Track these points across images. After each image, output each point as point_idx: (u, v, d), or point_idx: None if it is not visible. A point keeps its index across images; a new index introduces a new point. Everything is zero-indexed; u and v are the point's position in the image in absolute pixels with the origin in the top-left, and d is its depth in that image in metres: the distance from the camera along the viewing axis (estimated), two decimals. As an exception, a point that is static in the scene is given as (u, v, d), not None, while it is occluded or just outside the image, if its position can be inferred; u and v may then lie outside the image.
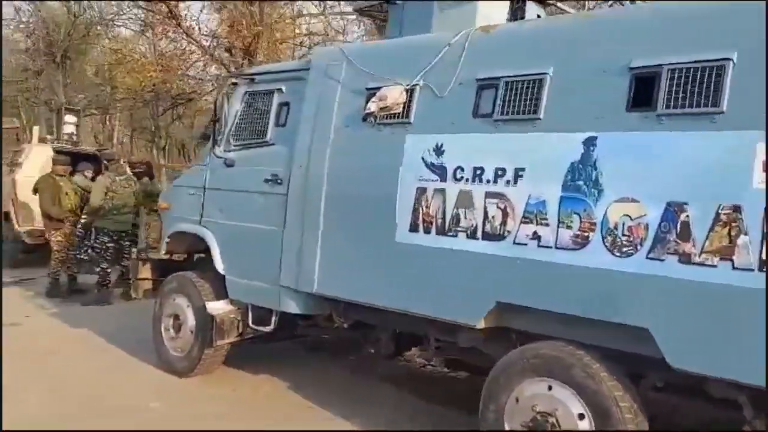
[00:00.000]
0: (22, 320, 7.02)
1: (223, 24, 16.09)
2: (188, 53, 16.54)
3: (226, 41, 16.17)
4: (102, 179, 7.91)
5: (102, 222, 7.71)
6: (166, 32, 17.19)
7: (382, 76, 4.01)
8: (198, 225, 5.17)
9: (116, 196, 7.65)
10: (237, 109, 5.08)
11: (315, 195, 4.32)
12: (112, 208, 7.62)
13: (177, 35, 16.66)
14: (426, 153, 3.75)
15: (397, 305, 3.89)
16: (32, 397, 4.73)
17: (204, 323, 5.02)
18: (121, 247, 7.89)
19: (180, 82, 17.05)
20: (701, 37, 2.94)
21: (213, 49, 16.19)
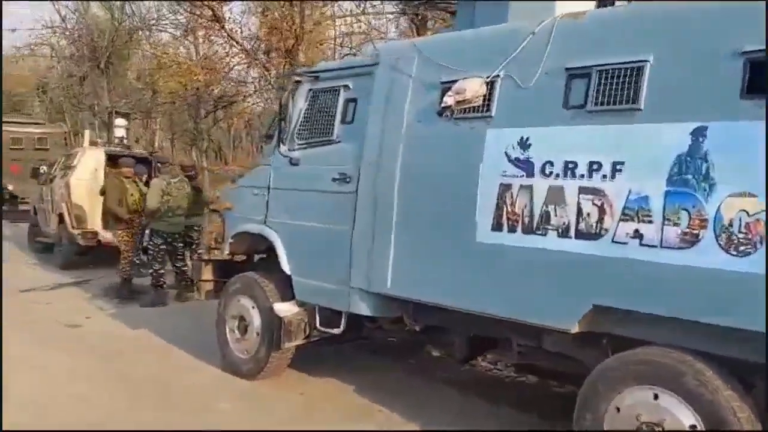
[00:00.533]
0: (83, 321, 7.07)
1: (263, 26, 16.12)
2: (231, 56, 16.59)
3: (267, 43, 16.20)
4: (157, 182, 7.94)
5: (157, 224, 7.74)
6: (209, 36, 17.35)
7: (459, 68, 3.85)
8: (263, 225, 5.09)
9: (171, 199, 7.66)
10: (301, 108, 4.98)
11: (387, 193, 4.18)
12: (167, 211, 7.63)
13: (220, 38, 16.80)
14: (510, 147, 3.57)
15: (479, 308, 3.73)
16: (106, 398, 4.72)
17: (270, 325, 4.93)
18: (174, 248, 7.90)
19: (222, 84, 17.12)
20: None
21: (255, 52, 16.22)
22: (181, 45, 23.33)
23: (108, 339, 6.35)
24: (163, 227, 7.71)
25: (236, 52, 17.30)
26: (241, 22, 16.84)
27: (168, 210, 7.64)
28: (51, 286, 9.04)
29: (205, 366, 5.49)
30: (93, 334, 6.58)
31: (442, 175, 3.92)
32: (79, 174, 10.53)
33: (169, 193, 7.67)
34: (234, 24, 16.33)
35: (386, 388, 5.10)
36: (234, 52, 17.30)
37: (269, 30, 15.63)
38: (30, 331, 6.51)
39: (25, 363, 5.44)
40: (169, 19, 21.82)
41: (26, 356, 5.62)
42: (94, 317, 7.29)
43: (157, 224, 7.74)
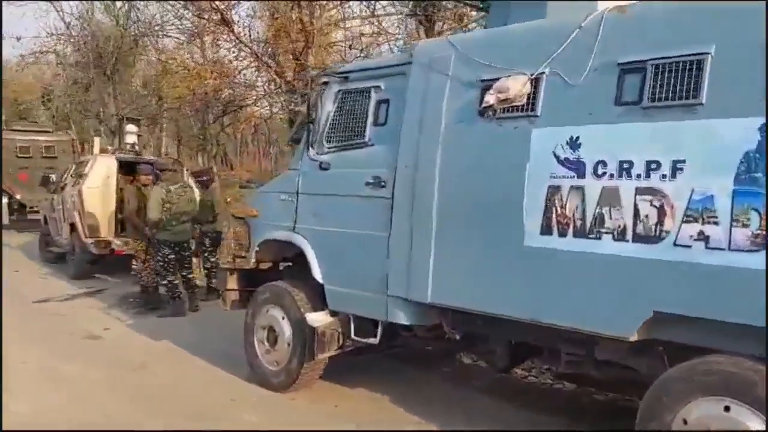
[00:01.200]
0: (102, 333, 6.94)
1: (271, 28, 15.99)
2: (240, 59, 16.46)
3: (275, 46, 16.08)
4: (157, 190, 7.75)
5: (162, 234, 7.58)
6: (217, 40, 17.24)
7: (500, 66, 3.70)
8: (291, 232, 4.94)
9: (172, 207, 7.50)
10: (330, 110, 4.83)
11: (425, 197, 4.03)
12: (170, 219, 7.48)
13: (227, 42, 16.68)
14: (558, 147, 3.42)
15: (528, 316, 3.57)
16: (132, 410, 4.59)
17: (302, 335, 4.79)
18: (182, 257, 7.76)
19: (231, 88, 17.01)
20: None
21: (263, 55, 16.09)
22: (188, 50, 23.32)
23: (129, 350, 6.21)
24: (168, 237, 7.56)
25: (245, 56, 17.23)
26: (249, 25, 16.65)
27: (171, 219, 7.48)
28: (65, 297, 8.92)
29: (231, 377, 5.34)
30: (113, 345, 6.46)
31: (484, 178, 3.77)
32: (91, 182, 10.40)
33: (169, 201, 7.51)
34: (242, 27, 16.24)
35: (421, 397, 4.95)
36: (242, 56, 17.23)
37: (277, 32, 15.51)
38: (49, 344, 6.39)
39: (48, 377, 5.33)
40: (175, 24, 21.83)
41: (49, 370, 5.50)
42: (112, 328, 7.16)
43: (162, 234, 7.58)
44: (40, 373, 5.47)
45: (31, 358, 5.89)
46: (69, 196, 10.91)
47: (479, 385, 5.36)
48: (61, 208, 11.46)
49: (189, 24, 20.84)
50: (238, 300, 5.58)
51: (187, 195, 7.85)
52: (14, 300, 8.48)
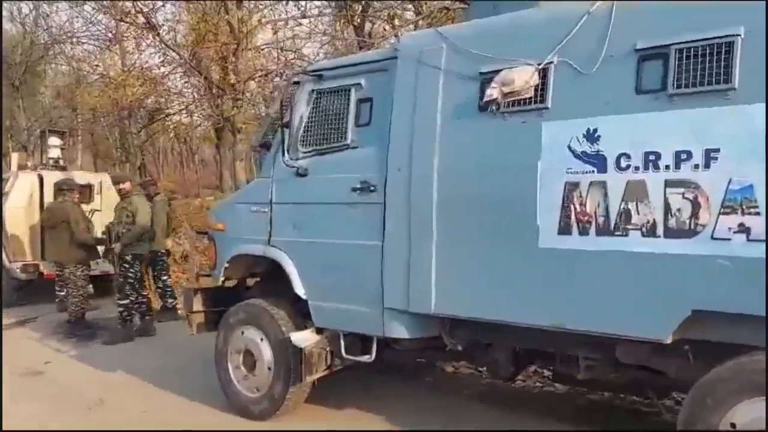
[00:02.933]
0: (43, 367, 6.23)
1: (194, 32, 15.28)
2: (166, 65, 15.66)
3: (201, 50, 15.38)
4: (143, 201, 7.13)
5: (140, 247, 6.96)
6: (139, 45, 16.32)
7: (501, 57, 3.46)
8: (266, 245, 4.52)
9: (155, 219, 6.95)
10: (303, 112, 4.46)
11: (423, 201, 3.74)
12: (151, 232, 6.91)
13: (152, 47, 15.83)
14: (574, 141, 3.21)
15: (548, 322, 3.34)
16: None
17: (285, 357, 4.39)
18: (153, 271, 7.19)
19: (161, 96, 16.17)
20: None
21: (192, 60, 15.37)
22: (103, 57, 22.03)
23: (81, 385, 5.57)
24: (144, 250, 6.96)
25: (170, 61, 16.40)
26: (174, 29, 15.82)
27: (152, 231, 6.91)
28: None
29: (205, 408, 4.85)
30: (60, 381, 5.78)
31: (490, 177, 3.51)
32: (14, 201, 9.50)
33: (154, 212, 6.94)
34: (166, 32, 15.44)
35: (416, 410, 4.68)
36: (167, 61, 16.40)
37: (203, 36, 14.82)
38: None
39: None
40: (89, 30, 20.55)
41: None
42: (54, 361, 6.45)
43: (141, 247, 6.96)
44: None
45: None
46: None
47: (471, 393, 5.13)
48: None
49: (103, 30, 19.82)
50: (204, 322, 5.11)
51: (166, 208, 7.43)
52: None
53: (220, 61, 15.14)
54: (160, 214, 7.70)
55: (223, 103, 15.65)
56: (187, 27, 15.76)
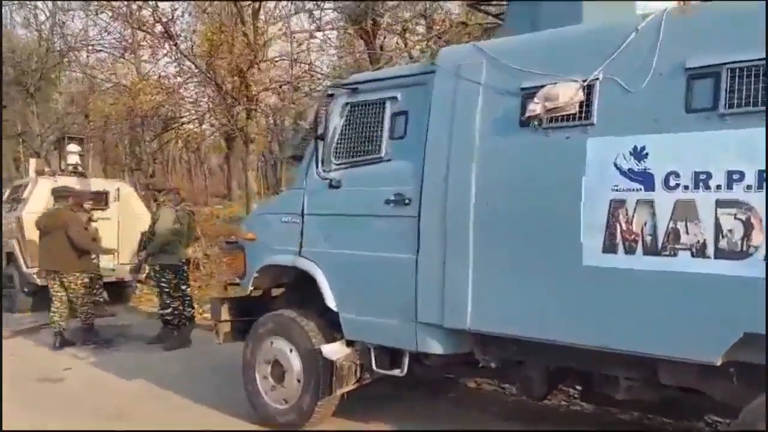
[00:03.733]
0: (63, 374, 6.21)
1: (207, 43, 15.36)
2: (182, 74, 15.75)
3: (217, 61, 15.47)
4: (168, 212, 7.11)
5: (169, 258, 6.95)
6: (155, 54, 16.43)
7: (544, 72, 3.45)
8: (297, 256, 4.51)
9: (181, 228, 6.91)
10: (337, 124, 4.45)
11: (460, 215, 3.71)
12: (174, 242, 6.88)
13: (168, 56, 15.93)
14: (621, 158, 3.19)
15: (591, 341, 3.30)
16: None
17: (315, 369, 4.35)
18: (181, 279, 7.18)
19: (178, 105, 16.25)
20: None
21: (208, 70, 15.43)
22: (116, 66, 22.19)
23: (102, 394, 5.54)
24: (174, 261, 6.94)
25: (186, 71, 16.50)
26: (191, 40, 15.91)
27: (175, 242, 6.88)
28: (8, 335, 8.01)
29: (228, 418, 4.81)
30: (81, 388, 5.76)
31: (531, 192, 3.49)
32: (32, 207, 9.50)
33: (179, 221, 6.90)
34: (183, 42, 15.54)
35: (443, 426, 4.61)
36: (184, 71, 16.50)
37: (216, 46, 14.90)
38: (4, 391, 5.61)
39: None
40: (103, 38, 20.71)
41: (11, 425, 4.77)
42: (74, 368, 6.42)
43: (165, 259, 6.94)
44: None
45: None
46: (5, 224, 9.94)
47: (496, 410, 5.08)
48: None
49: (116, 38, 19.98)
50: (230, 331, 5.09)
51: (189, 216, 7.35)
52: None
53: (236, 72, 15.20)
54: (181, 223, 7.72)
55: (237, 114, 15.72)
56: (201, 37, 15.87)
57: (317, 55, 17.52)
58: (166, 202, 7.22)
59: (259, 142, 21.25)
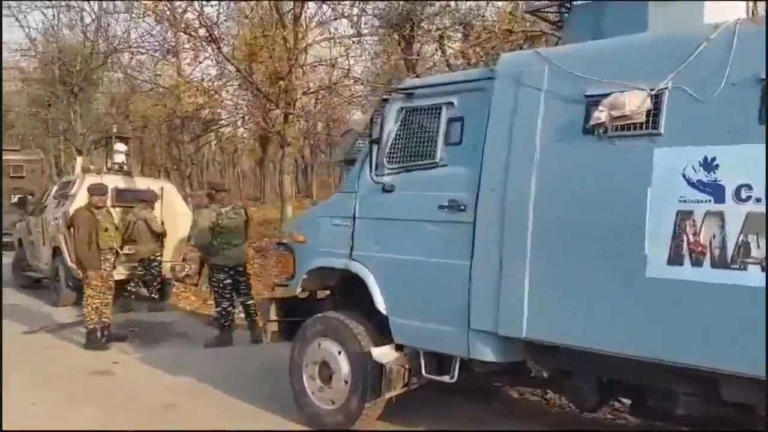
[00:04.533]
0: (111, 368, 6.34)
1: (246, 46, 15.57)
2: (224, 78, 16.01)
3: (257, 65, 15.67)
4: (206, 213, 7.21)
5: (214, 259, 7.05)
6: (197, 56, 16.71)
7: (609, 80, 3.42)
8: (347, 259, 4.53)
9: (223, 230, 6.97)
10: (391, 129, 4.47)
11: (518, 223, 3.69)
12: (222, 243, 6.95)
13: (209, 59, 16.20)
14: (689, 169, 3.13)
15: (652, 354, 3.24)
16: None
17: (363, 372, 4.36)
18: (238, 282, 7.21)
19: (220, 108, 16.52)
20: None
21: (249, 75, 15.64)
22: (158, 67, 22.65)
23: (151, 389, 5.64)
24: (222, 261, 7.02)
25: (226, 74, 16.77)
26: (233, 44, 16.15)
27: (222, 242, 6.95)
28: (55, 327, 8.23)
29: (273, 416, 4.85)
30: (129, 383, 5.88)
31: (593, 201, 3.45)
32: (79, 203, 9.71)
33: (219, 224, 6.98)
34: (226, 46, 15.77)
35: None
36: (225, 74, 16.78)
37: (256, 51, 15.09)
38: (56, 383, 5.77)
39: (63, 426, 4.70)
40: (147, 41, 21.17)
41: (63, 417, 4.88)
42: (121, 362, 6.54)
43: (215, 259, 7.05)
44: (54, 419, 4.86)
45: (39, 399, 5.29)
46: (52, 219, 10.19)
47: (541, 421, 5.02)
48: (41, 231, 10.73)
49: (159, 41, 20.41)
50: (278, 332, 5.14)
51: (240, 217, 7.30)
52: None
53: (275, 76, 15.37)
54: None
55: (276, 117, 15.89)
56: (241, 41, 16.10)
57: (353, 61, 17.63)
58: (217, 202, 7.28)
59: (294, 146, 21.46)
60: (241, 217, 7.27)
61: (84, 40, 24.19)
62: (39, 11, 25.41)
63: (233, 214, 7.17)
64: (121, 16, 22.62)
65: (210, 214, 7.07)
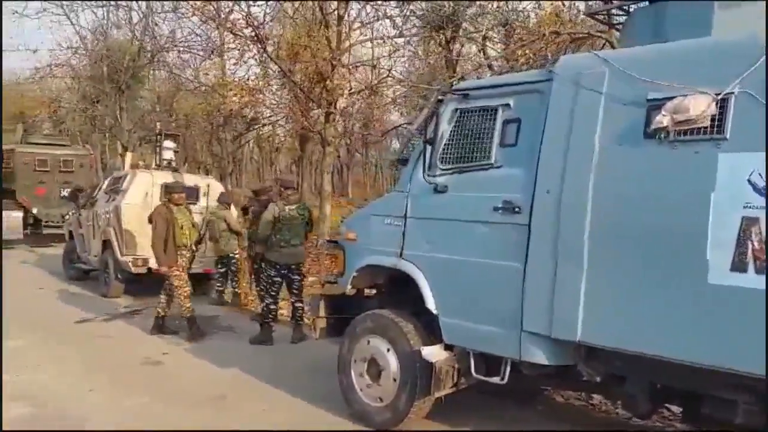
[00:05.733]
0: (161, 358, 6.52)
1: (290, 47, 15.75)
2: (268, 77, 16.25)
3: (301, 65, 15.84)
4: (270, 208, 7.33)
5: (269, 253, 7.17)
6: (243, 56, 16.99)
7: (673, 84, 3.39)
8: (398, 258, 4.58)
9: (282, 228, 7.09)
10: (445, 129, 4.50)
11: (574, 225, 3.68)
12: (279, 240, 7.06)
13: (254, 59, 16.45)
14: (755, 175, 3.09)
15: (714, 361, 3.20)
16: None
17: (412, 370, 4.40)
18: (291, 281, 7.30)
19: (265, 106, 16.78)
20: None
21: (293, 75, 15.83)
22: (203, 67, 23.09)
23: (200, 380, 5.79)
24: (275, 258, 7.15)
25: (271, 74, 17.02)
26: (278, 43, 16.38)
27: (279, 239, 7.07)
28: (106, 317, 8.48)
29: (322, 412, 4.93)
30: (179, 373, 6.03)
31: (653, 205, 3.43)
32: (130, 198, 10.02)
33: (280, 220, 7.10)
34: (271, 45, 16.00)
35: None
36: (269, 74, 17.02)
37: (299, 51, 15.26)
38: (110, 371, 5.96)
39: (118, 413, 4.87)
40: (189, 40, 21.61)
41: (117, 404, 5.05)
42: (171, 353, 6.72)
43: (270, 254, 7.17)
44: (110, 404, 5.04)
45: (95, 385, 5.48)
46: (103, 212, 10.51)
47: (595, 426, 4.98)
48: (92, 224, 11.06)
49: (204, 40, 20.80)
50: (326, 328, 5.22)
51: (302, 217, 7.33)
52: (53, 319, 8.12)
53: (317, 77, 15.52)
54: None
55: (318, 117, 16.06)
56: (284, 41, 16.32)
57: (389, 62, 17.71)
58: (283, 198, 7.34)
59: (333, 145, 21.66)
60: (303, 217, 7.28)
61: (132, 38, 24.80)
62: (90, 10, 26.11)
63: (296, 212, 7.19)
64: (167, 16, 23.16)
65: (273, 209, 7.18)
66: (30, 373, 5.69)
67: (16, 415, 4.67)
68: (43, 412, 4.80)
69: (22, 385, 5.34)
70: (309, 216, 7.47)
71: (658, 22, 3.93)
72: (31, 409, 4.84)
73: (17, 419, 4.61)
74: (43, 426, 4.55)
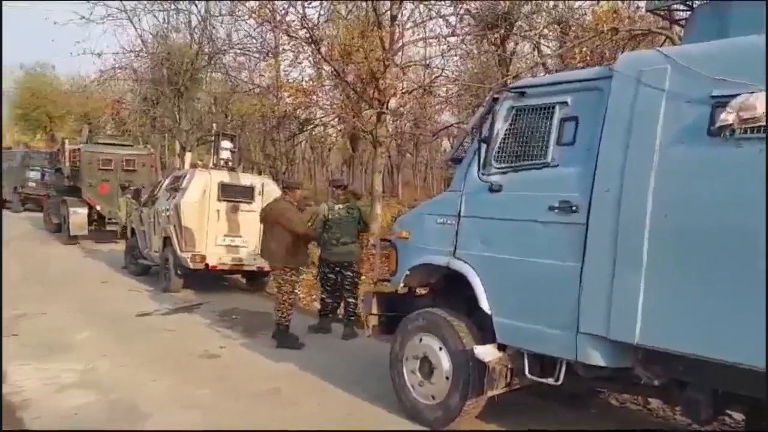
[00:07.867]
0: (218, 351, 6.70)
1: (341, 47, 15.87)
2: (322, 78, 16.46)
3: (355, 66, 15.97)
4: (323, 206, 7.45)
5: (322, 252, 7.33)
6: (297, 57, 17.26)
7: (739, 81, 3.28)
8: (451, 257, 4.58)
9: (333, 226, 7.19)
10: (501, 128, 4.47)
11: (634, 225, 3.61)
12: (330, 238, 7.18)
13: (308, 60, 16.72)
14: (825, 174, 2.97)
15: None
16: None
17: (465, 369, 4.40)
18: (344, 278, 7.41)
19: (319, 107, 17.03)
20: None
21: (346, 75, 15.98)
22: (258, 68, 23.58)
23: (256, 373, 5.93)
24: (326, 255, 7.28)
25: (325, 75, 17.21)
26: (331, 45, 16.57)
27: (330, 237, 7.19)
28: (166, 311, 8.77)
29: (376, 408, 4.98)
30: (236, 366, 6.18)
31: (716, 205, 3.33)
32: (190, 196, 10.32)
33: (329, 218, 7.20)
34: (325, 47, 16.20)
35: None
36: (323, 75, 17.23)
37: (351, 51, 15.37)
38: (171, 362, 6.18)
39: (180, 403, 5.04)
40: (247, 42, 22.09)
41: (178, 394, 5.23)
42: (227, 347, 6.90)
43: (322, 252, 7.33)
44: (173, 394, 5.23)
45: (157, 376, 5.68)
46: (163, 210, 10.86)
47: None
48: (152, 221, 11.45)
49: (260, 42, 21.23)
50: (378, 325, 5.28)
51: (351, 216, 7.36)
52: (116, 312, 8.44)
53: (369, 77, 15.61)
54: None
55: (370, 117, 16.17)
56: (336, 42, 16.49)
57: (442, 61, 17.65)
58: (334, 197, 7.45)
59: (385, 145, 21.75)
60: (352, 216, 7.34)
61: (191, 42, 25.54)
62: (151, 15, 27.02)
63: (344, 212, 7.28)
64: (225, 19, 23.74)
65: (324, 207, 7.27)
66: (95, 362, 5.95)
67: (82, 403, 4.89)
68: (107, 399, 5.01)
69: (88, 375, 5.60)
70: (360, 214, 7.49)
71: (722, 18, 3.81)
72: (97, 397, 5.06)
73: (83, 406, 4.83)
74: (106, 412, 4.74)
